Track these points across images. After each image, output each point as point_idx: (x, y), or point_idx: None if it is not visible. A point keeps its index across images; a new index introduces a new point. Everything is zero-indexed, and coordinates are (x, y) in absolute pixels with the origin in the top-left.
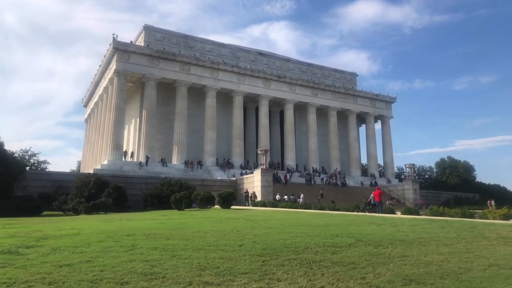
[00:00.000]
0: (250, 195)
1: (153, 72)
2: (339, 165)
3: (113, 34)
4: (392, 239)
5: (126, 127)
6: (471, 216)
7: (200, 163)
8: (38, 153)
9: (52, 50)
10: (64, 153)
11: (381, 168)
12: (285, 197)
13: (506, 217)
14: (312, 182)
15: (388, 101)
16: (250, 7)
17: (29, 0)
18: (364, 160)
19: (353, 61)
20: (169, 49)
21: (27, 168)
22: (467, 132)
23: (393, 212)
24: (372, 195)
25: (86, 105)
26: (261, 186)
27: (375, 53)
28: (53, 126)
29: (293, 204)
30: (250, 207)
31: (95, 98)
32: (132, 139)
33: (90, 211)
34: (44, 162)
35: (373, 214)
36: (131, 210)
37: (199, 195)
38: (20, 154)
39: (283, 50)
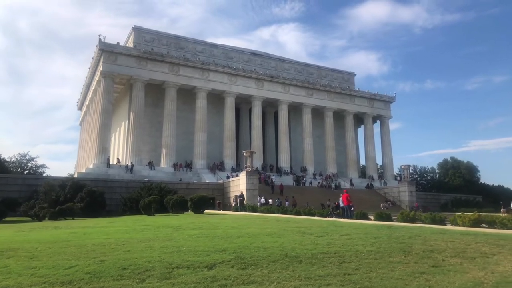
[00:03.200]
0: (232, 198)
1: (141, 73)
2: (335, 166)
3: (99, 35)
4: (283, 255)
5: (118, 130)
6: (442, 221)
7: (189, 166)
8: (35, 157)
9: (65, 55)
10: (75, 157)
11: (381, 170)
12: (270, 200)
13: (476, 223)
14: (302, 184)
15: (387, 101)
16: (259, 9)
17: (42, 6)
18: (363, 162)
19: (363, 62)
20: (159, 50)
21: (25, 172)
22: (481, 132)
23: (365, 217)
24: (340, 198)
25: (80, 108)
26: (246, 189)
27: (385, 54)
28: (66, 131)
29: (271, 208)
30: (226, 212)
31: (87, 101)
32: (122, 143)
33: (55, 216)
34: (42, 166)
35: (337, 219)
36: (108, 215)
37: (171, 199)
38: (18, 158)
39: (292, 52)
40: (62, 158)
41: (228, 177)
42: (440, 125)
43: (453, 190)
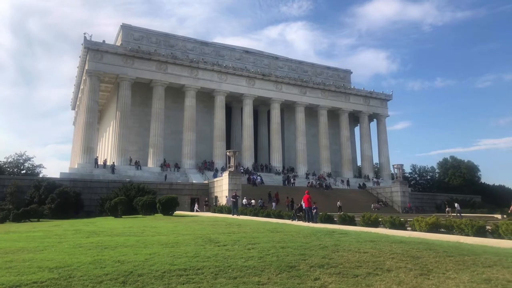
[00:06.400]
0: (206, 199)
1: (128, 72)
2: (329, 166)
3: (84, 33)
4: (126, 273)
5: (107, 129)
6: (402, 226)
7: (177, 166)
8: (32, 157)
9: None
10: None
11: (377, 169)
12: (252, 201)
13: (433, 227)
14: (291, 184)
15: (384, 99)
16: (267, 8)
17: (52, 8)
18: (360, 161)
19: (372, 60)
20: (148, 48)
21: (22, 172)
22: (492, 131)
23: (330, 220)
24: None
25: (74, 108)
26: (229, 190)
27: (394, 52)
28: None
29: (245, 209)
30: (200, 213)
31: (78, 101)
32: (110, 143)
33: (19, 218)
34: (39, 166)
35: (298, 223)
36: (86, 216)
37: (140, 200)
38: (15, 158)
39: (301, 51)
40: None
41: (215, 177)
42: (451, 124)
43: (453, 190)
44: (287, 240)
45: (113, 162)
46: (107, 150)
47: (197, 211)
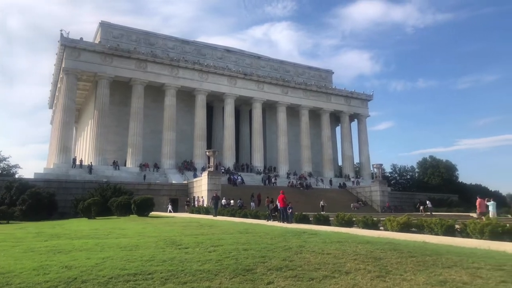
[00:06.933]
0: (188, 199)
1: (106, 70)
2: (310, 166)
3: (61, 30)
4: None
5: (86, 129)
6: (375, 225)
7: (156, 166)
8: (8, 157)
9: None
10: None
11: (358, 169)
12: (231, 201)
13: (405, 227)
14: (272, 184)
15: (364, 99)
16: (251, 8)
17: (33, 5)
18: (341, 161)
19: (356, 61)
20: (128, 46)
21: None
22: (472, 131)
23: (306, 220)
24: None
25: (51, 107)
26: (208, 190)
27: (377, 53)
28: None
29: (223, 210)
30: (177, 214)
31: (55, 100)
32: (89, 142)
33: None
34: (15, 166)
35: (273, 223)
36: (60, 218)
37: (115, 201)
38: None
39: (285, 51)
40: None
41: (195, 177)
42: (432, 124)
43: (432, 189)
44: (252, 241)
45: (91, 162)
46: (85, 150)
47: (170, 211)
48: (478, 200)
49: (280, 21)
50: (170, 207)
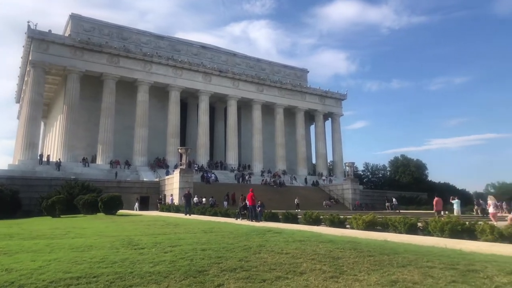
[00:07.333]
0: (160, 197)
1: (76, 64)
2: (284, 164)
3: (28, 22)
4: None
5: (55, 124)
6: (341, 223)
7: (128, 163)
8: None
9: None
10: None
11: (332, 167)
12: (203, 199)
13: (370, 225)
14: (246, 182)
15: (338, 98)
16: (230, 5)
17: None
18: (315, 159)
19: (332, 61)
20: (100, 40)
21: None
22: (442, 131)
23: (275, 218)
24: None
25: (18, 101)
26: (179, 188)
27: (353, 53)
28: None
29: (194, 208)
30: (144, 212)
31: (22, 93)
32: (57, 138)
33: None
34: None
35: (242, 222)
36: (24, 216)
37: (81, 199)
38: None
39: (263, 49)
40: None
41: (167, 175)
42: (405, 124)
43: (403, 187)
44: (213, 241)
45: (59, 159)
46: (54, 146)
47: (136, 209)
48: (435, 199)
49: (259, 19)
50: (137, 205)
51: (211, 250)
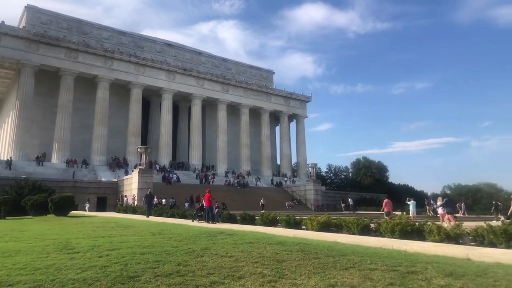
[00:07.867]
0: (118, 198)
1: (31, 58)
2: (249, 164)
3: None
4: None
5: (7, 120)
6: (297, 225)
7: (86, 162)
8: None
9: None
10: None
11: (296, 168)
12: (163, 200)
13: (325, 226)
14: (208, 183)
15: (303, 100)
16: (198, 4)
17: None
18: (279, 160)
19: (300, 63)
20: (58, 34)
21: None
22: (404, 134)
23: (233, 220)
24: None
25: None
26: (138, 189)
27: (320, 57)
28: None
29: (152, 209)
30: (99, 214)
31: None
32: (9, 135)
33: None
34: None
35: (198, 223)
36: None
37: (30, 200)
38: None
39: (232, 49)
40: None
41: (126, 175)
42: (369, 127)
43: (364, 188)
44: (157, 244)
45: (10, 157)
46: (4, 144)
47: (86, 211)
48: (385, 201)
49: (227, 19)
50: (87, 206)
51: (150, 254)
